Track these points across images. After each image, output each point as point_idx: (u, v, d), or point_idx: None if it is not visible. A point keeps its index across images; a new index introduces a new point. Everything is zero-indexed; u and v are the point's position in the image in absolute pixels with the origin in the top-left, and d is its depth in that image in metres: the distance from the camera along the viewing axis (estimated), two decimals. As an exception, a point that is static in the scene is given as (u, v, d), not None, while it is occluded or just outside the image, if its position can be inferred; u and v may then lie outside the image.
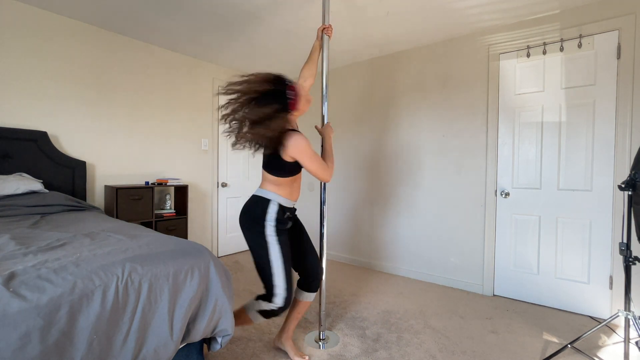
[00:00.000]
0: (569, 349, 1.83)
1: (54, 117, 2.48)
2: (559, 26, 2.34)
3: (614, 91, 2.18)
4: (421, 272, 3.01)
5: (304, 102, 1.54)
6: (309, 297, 1.72)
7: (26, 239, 1.38)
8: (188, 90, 3.37)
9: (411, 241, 3.08)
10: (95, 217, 1.95)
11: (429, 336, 1.98)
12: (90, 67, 2.66)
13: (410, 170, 3.07)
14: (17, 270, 0.98)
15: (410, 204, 3.08)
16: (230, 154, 3.80)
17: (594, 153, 2.25)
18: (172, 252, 1.29)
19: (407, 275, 3.10)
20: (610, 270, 2.21)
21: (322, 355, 1.77)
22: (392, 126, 3.18)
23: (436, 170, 2.93)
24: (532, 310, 2.37)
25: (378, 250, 3.30)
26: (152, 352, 1.10)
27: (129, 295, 1.06)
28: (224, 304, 1.34)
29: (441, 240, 2.90)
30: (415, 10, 2.35)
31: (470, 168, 2.74)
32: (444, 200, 2.88)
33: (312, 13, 2.41)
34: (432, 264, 2.96)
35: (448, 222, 2.86)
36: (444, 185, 2.88)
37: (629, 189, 1.51)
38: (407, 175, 3.10)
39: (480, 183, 2.70)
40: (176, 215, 3.06)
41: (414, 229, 3.06)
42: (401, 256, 3.14)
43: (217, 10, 2.39)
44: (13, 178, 2.07)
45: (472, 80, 2.72)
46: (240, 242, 3.94)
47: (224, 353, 1.76)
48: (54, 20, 2.46)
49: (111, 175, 2.81)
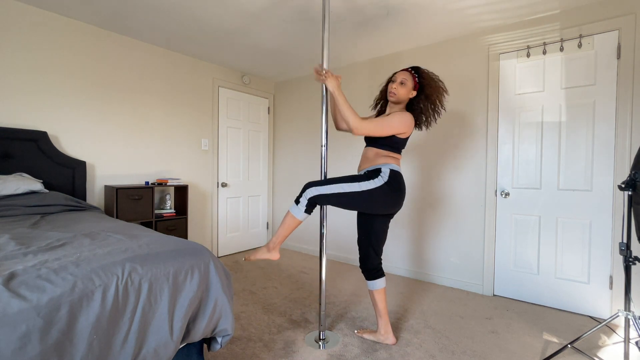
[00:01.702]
0: (569, 349, 1.83)
1: (54, 117, 2.48)
2: (559, 26, 2.34)
3: (614, 91, 2.18)
4: (421, 272, 3.01)
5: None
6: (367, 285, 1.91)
7: (26, 239, 1.38)
8: (188, 90, 3.37)
9: (410, 241, 3.08)
10: (95, 217, 1.95)
11: (429, 336, 1.98)
12: (91, 67, 2.66)
13: (410, 170, 3.07)
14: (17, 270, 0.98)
15: (409, 204, 3.08)
16: (230, 154, 3.80)
17: (594, 153, 2.25)
18: (172, 252, 1.29)
19: (407, 275, 3.10)
20: (610, 270, 2.21)
21: (322, 355, 1.77)
22: (392, 126, 3.18)
23: (436, 170, 2.92)
24: (532, 310, 2.37)
25: (378, 250, 3.30)
26: (152, 352, 1.10)
27: (129, 295, 1.06)
28: (224, 304, 1.34)
29: (441, 240, 2.90)
30: (415, 11, 2.36)
31: (470, 168, 2.75)
32: (444, 200, 2.88)
33: (312, 13, 2.41)
34: (432, 263, 2.96)
35: (448, 222, 2.86)
36: (444, 185, 2.88)
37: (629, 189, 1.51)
38: (406, 175, 3.10)
39: (480, 183, 2.70)
40: (176, 215, 3.06)
41: (414, 229, 3.06)
42: (401, 256, 3.14)
43: (217, 11, 2.39)
44: (13, 178, 2.07)
45: (472, 80, 2.72)
46: (240, 242, 3.94)
47: (224, 353, 1.76)
48: (54, 20, 2.46)
49: (111, 175, 2.81)
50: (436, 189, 2.93)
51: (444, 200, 2.89)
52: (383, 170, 1.72)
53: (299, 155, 4.01)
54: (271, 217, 4.32)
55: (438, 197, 2.92)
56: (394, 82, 1.78)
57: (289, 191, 4.14)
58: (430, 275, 2.96)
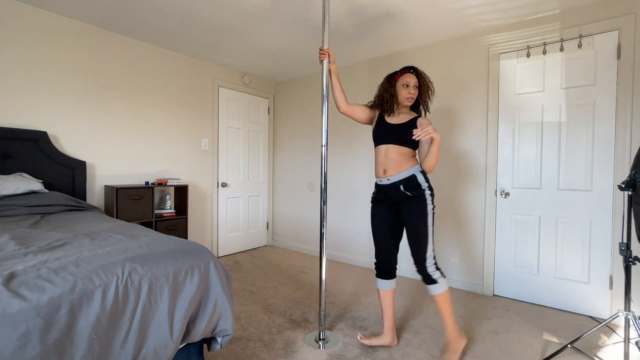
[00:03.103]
0: (569, 349, 1.83)
1: (54, 117, 2.48)
2: (559, 26, 2.34)
3: (614, 91, 2.18)
4: (421, 272, 3.01)
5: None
6: (382, 285, 1.89)
7: (26, 239, 1.38)
8: (188, 90, 3.37)
9: (411, 241, 3.07)
10: (95, 217, 1.95)
11: (429, 336, 1.98)
12: (91, 67, 2.66)
13: (410, 170, 3.07)
14: (17, 270, 0.98)
15: (410, 204, 3.08)
16: (230, 154, 3.80)
17: (594, 153, 2.25)
18: (172, 252, 1.29)
19: (407, 275, 3.10)
20: (610, 270, 2.21)
21: (322, 355, 1.77)
22: (392, 126, 3.18)
23: (436, 170, 2.92)
24: (532, 310, 2.37)
25: (378, 250, 3.30)
26: (152, 352, 1.10)
27: (129, 295, 1.06)
28: (224, 304, 1.34)
29: (441, 240, 2.90)
30: (415, 10, 2.36)
31: (470, 168, 2.74)
32: (444, 200, 2.88)
33: (312, 13, 2.41)
34: (432, 264, 2.95)
35: (448, 222, 2.86)
36: (444, 185, 2.88)
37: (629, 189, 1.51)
38: (407, 175, 3.10)
39: (480, 183, 2.70)
40: (176, 215, 3.06)
41: (414, 229, 3.05)
42: (401, 256, 3.14)
43: (217, 11, 2.39)
44: (13, 178, 2.07)
45: (472, 80, 2.72)
46: (240, 242, 3.94)
47: (224, 353, 1.76)
48: (54, 20, 2.46)
49: (111, 175, 2.81)
50: (436, 189, 2.93)
51: (444, 200, 2.88)
52: (420, 180, 1.74)
53: (299, 155, 4.01)
54: (271, 217, 4.32)
55: (438, 197, 2.92)
56: (407, 86, 1.78)
57: (289, 191, 4.14)
58: (430, 275, 2.95)
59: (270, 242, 4.32)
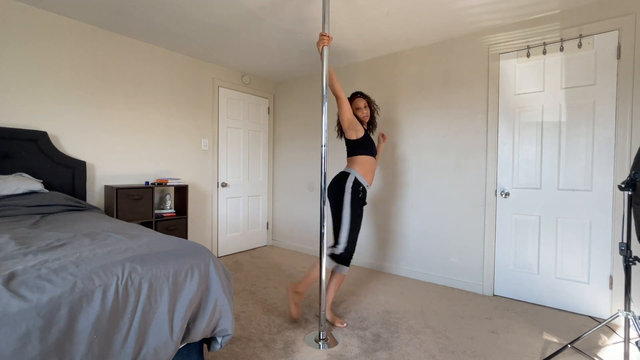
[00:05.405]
0: (569, 349, 1.83)
1: (53, 117, 2.48)
2: (559, 26, 2.34)
3: (614, 91, 2.18)
4: (421, 272, 3.01)
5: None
6: (347, 271, 2.17)
7: (26, 239, 1.38)
8: (188, 90, 3.37)
9: (411, 241, 3.08)
10: (95, 217, 1.95)
11: (429, 336, 1.98)
12: (90, 67, 2.66)
13: (411, 170, 3.07)
14: (17, 270, 0.98)
15: (410, 204, 3.08)
16: (230, 154, 3.80)
17: (594, 153, 2.25)
18: (172, 252, 1.29)
19: (407, 275, 3.10)
20: (610, 270, 2.21)
21: (322, 355, 1.77)
22: (392, 126, 3.18)
23: (436, 170, 2.93)
24: (532, 310, 2.37)
25: (378, 251, 3.30)
26: (152, 352, 1.10)
27: (129, 295, 1.06)
28: (224, 304, 1.34)
29: (441, 240, 2.90)
30: (416, 10, 2.36)
31: (470, 168, 2.75)
32: (444, 200, 2.88)
33: (312, 13, 2.41)
34: (432, 264, 2.96)
35: (448, 222, 2.87)
36: (444, 185, 2.88)
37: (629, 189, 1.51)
38: (407, 175, 3.10)
39: (480, 183, 2.70)
40: (176, 215, 3.06)
41: (414, 229, 3.06)
42: (401, 256, 3.14)
43: (217, 10, 2.39)
44: (13, 178, 2.07)
45: (472, 80, 2.72)
46: (240, 242, 3.94)
47: (224, 353, 1.76)
48: (54, 20, 2.46)
49: (111, 175, 2.81)
50: (436, 189, 2.93)
51: (444, 200, 2.89)
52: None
53: (299, 155, 4.01)
54: (271, 217, 4.32)
55: (438, 197, 2.92)
56: (360, 108, 2.22)
57: (289, 191, 4.14)
58: (430, 275, 2.96)
59: (270, 242, 4.32)
